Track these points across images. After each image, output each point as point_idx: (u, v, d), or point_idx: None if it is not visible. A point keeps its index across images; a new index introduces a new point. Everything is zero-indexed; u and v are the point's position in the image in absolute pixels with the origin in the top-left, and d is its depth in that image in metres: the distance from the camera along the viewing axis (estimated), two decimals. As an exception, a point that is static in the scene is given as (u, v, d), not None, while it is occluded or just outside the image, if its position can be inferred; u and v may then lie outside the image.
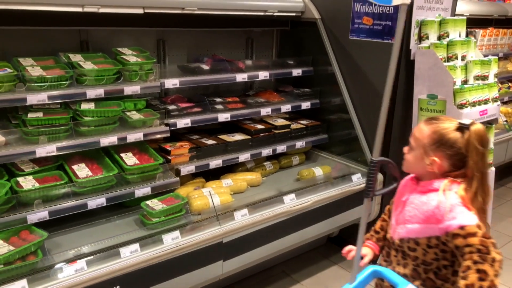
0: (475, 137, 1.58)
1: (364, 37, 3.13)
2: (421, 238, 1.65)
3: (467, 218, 1.54)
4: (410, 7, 2.85)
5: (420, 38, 2.94)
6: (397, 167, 1.65)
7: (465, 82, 2.98)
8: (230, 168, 3.16)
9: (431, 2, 2.95)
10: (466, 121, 1.63)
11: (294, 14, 3.33)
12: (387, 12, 2.95)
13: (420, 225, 1.65)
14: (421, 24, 2.92)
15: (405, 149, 1.76)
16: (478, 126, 1.61)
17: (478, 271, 1.47)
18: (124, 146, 2.60)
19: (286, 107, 3.26)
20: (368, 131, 3.27)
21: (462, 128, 1.62)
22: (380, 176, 3.20)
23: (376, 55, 3.09)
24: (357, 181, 3.18)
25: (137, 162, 2.54)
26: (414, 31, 2.90)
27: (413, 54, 2.93)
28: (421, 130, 1.69)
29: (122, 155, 2.57)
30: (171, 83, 2.70)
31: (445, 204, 1.58)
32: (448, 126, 1.64)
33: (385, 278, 1.65)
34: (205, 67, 3.00)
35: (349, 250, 1.90)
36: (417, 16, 2.89)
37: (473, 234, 1.52)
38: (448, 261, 1.65)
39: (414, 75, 2.92)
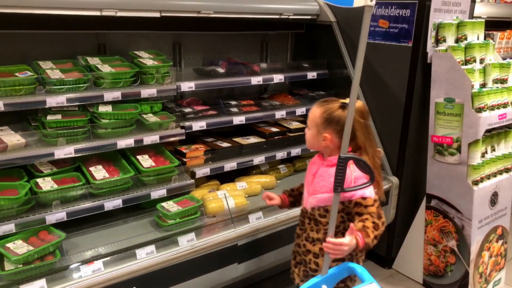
0: (356, 112, 1.79)
1: (380, 40, 3.12)
2: (330, 206, 1.88)
3: (368, 190, 1.85)
4: (427, 10, 2.83)
5: (437, 41, 2.91)
6: (367, 165, 1.75)
7: (483, 85, 2.93)
8: (244, 171, 3.16)
9: (449, 4, 2.92)
10: (348, 100, 1.85)
11: (309, 17, 3.33)
12: (404, 15, 2.93)
13: (328, 194, 1.89)
14: (439, 26, 2.89)
15: (306, 129, 2.00)
16: (357, 103, 1.83)
17: (373, 222, 1.81)
18: (140, 149, 2.62)
19: (301, 110, 3.25)
20: (384, 135, 3.24)
21: (344, 106, 1.86)
22: (395, 180, 3.17)
23: (392, 58, 3.07)
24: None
25: (153, 164, 2.56)
26: (431, 34, 2.88)
27: (430, 57, 2.91)
28: (314, 112, 1.95)
29: (139, 157, 2.59)
30: (187, 86, 2.72)
31: (350, 176, 1.81)
32: (334, 105, 1.90)
33: (357, 274, 1.80)
34: (221, 70, 3.01)
35: (268, 196, 2.24)
36: (434, 18, 2.86)
37: (371, 205, 1.85)
38: (352, 221, 1.90)
39: (431, 78, 2.90)
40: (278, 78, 3.15)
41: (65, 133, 2.32)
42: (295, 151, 3.20)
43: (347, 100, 1.84)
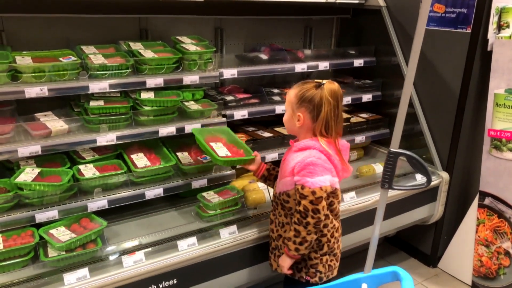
0: (328, 91, 1.84)
1: (434, 26, 2.91)
2: (291, 190, 1.93)
3: (311, 180, 1.82)
4: (489, -7, 2.61)
5: (500, 27, 2.68)
6: (422, 164, 1.62)
7: (549, 75, 2.70)
8: (285, 162, 3.05)
9: (514, -13, 2.68)
10: (324, 81, 1.89)
11: (357, 1, 3.16)
12: (463, -1, 2.71)
13: (287, 178, 1.92)
14: (501, 11, 2.66)
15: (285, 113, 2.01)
16: (331, 84, 1.87)
17: (295, 229, 1.87)
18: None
19: (345, 99, 3.10)
20: (435, 127, 3.06)
21: (318, 85, 1.87)
22: (446, 175, 2.99)
23: (448, 46, 2.87)
24: (421, 180, 2.99)
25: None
26: (493, 19, 2.66)
27: (491, 45, 2.69)
28: (289, 93, 1.95)
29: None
30: (230, 73, 2.62)
31: (303, 160, 1.85)
32: (308, 85, 1.89)
33: (400, 281, 1.68)
34: (264, 56, 2.90)
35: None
36: (497, 2, 2.63)
37: (305, 197, 1.83)
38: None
39: (491, 67, 2.68)
40: (323, 65, 3.01)
41: (107, 119, 2.27)
42: (339, 142, 3.06)
43: (323, 81, 1.88)
